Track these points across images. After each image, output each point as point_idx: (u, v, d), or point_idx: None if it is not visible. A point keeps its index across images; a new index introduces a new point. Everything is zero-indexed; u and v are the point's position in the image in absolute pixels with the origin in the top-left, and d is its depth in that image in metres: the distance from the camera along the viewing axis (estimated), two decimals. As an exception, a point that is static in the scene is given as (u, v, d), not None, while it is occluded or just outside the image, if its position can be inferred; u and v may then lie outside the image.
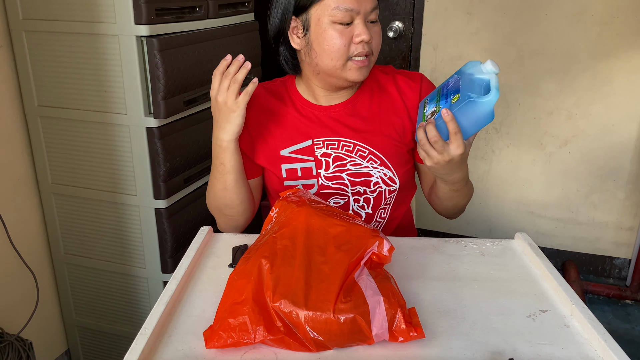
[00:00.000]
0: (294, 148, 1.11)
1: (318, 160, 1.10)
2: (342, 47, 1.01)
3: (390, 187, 1.12)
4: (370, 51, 1.03)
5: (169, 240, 1.58)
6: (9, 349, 1.36)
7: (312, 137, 1.11)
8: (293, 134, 1.11)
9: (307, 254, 0.75)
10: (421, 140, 0.93)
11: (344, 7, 0.98)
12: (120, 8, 1.37)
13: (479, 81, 0.92)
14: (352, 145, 1.10)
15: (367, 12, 1.00)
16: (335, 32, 1.00)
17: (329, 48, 1.01)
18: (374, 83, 1.14)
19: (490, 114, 0.88)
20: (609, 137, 2.22)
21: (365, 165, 1.10)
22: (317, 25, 1.02)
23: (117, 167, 1.55)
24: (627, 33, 2.09)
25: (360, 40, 1.00)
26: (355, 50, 1.01)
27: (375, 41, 1.03)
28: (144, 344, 0.70)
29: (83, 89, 1.49)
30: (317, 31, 1.02)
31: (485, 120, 0.89)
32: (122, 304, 1.71)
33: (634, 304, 2.27)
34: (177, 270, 0.88)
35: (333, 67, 1.03)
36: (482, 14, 2.23)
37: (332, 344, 0.70)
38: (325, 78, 1.07)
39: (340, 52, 1.01)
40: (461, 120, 0.89)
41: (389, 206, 1.15)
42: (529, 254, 0.96)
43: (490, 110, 0.88)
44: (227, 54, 1.00)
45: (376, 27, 1.04)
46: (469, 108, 0.87)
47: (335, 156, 1.10)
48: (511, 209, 2.46)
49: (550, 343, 0.73)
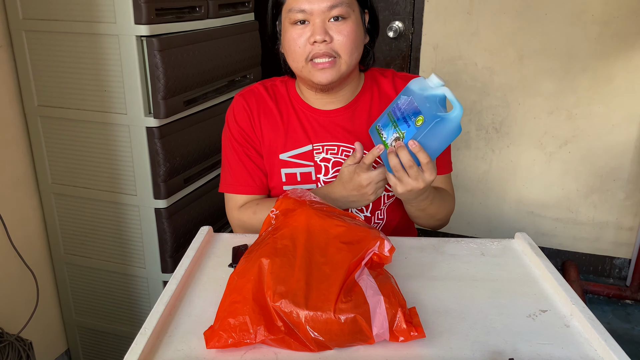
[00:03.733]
0: (293, 153, 1.10)
1: (317, 165, 1.10)
2: (297, 48, 1.00)
3: (389, 192, 1.11)
4: (334, 53, 0.99)
5: (169, 240, 1.58)
6: (9, 349, 1.36)
7: (312, 141, 1.10)
8: (292, 138, 1.10)
9: (308, 254, 0.75)
10: (395, 166, 0.90)
11: (296, 8, 0.98)
12: (120, 8, 1.37)
13: (433, 98, 0.90)
14: (351, 150, 1.09)
15: (322, 11, 0.98)
16: (294, 33, 1.00)
17: (289, 50, 1.02)
18: (374, 86, 1.13)
19: (459, 128, 0.88)
20: (609, 137, 2.22)
21: None
22: (283, 29, 1.04)
23: (117, 167, 1.55)
24: (627, 33, 2.09)
25: (313, 40, 0.98)
26: (313, 50, 0.99)
27: (340, 42, 0.99)
28: (144, 344, 0.70)
29: (83, 89, 1.49)
30: (283, 34, 1.04)
31: (454, 136, 0.88)
32: (122, 304, 1.71)
33: (634, 304, 2.27)
34: (177, 270, 0.88)
35: (297, 69, 1.04)
36: (482, 14, 2.23)
37: (332, 344, 0.70)
38: (302, 81, 1.07)
39: (297, 54, 1.01)
40: (431, 142, 0.88)
41: (387, 208, 1.14)
42: (529, 254, 0.96)
43: (458, 124, 0.87)
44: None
45: (343, 26, 0.99)
46: (438, 128, 0.86)
47: (334, 161, 1.10)
48: (511, 209, 2.46)
49: (550, 343, 0.73)
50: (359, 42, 1.03)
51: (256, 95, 1.13)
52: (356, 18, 1.02)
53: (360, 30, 1.03)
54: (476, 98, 2.32)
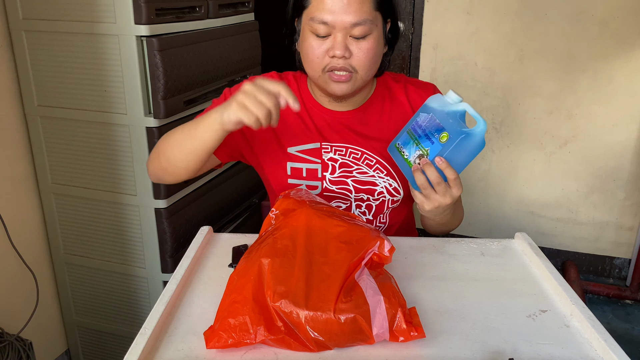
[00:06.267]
0: (302, 147, 1.09)
1: (324, 164, 1.09)
2: (315, 58, 0.98)
3: (394, 197, 1.10)
4: (352, 68, 0.98)
5: (169, 240, 1.58)
6: (9, 349, 1.36)
7: (321, 140, 1.09)
8: (302, 134, 1.10)
9: (308, 255, 0.75)
10: (422, 184, 0.89)
11: (318, 19, 0.95)
12: (120, 8, 1.37)
13: (453, 114, 0.90)
14: (359, 152, 1.09)
15: (345, 26, 0.95)
16: (313, 42, 0.98)
17: (307, 58, 1.00)
18: (385, 91, 1.12)
19: (483, 142, 0.88)
20: (609, 137, 2.22)
21: (371, 174, 1.09)
22: (302, 32, 1.01)
23: (117, 167, 1.55)
24: (627, 33, 2.09)
25: (332, 54, 0.96)
26: (330, 63, 0.97)
27: (359, 59, 0.97)
28: (144, 344, 0.70)
29: (83, 89, 1.49)
30: (301, 38, 1.02)
31: (478, 150, 0.89)
32: (122, 304, 1.71)
33: (634, 304, 2.27)
34: (177, 270, 0.88)
35: (313, 77, 1.02)
36: (482, 14, 2.23)
37: (332, 344, 0.70)
38: (317, 86, 1.05)
39: (315, 63, 0.99)
40: (457, 157, 0.88)
41: (390, 212, 1.14)
42: (529, 254, 0.96)
43: (482, 139, 0.88)
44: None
45: (364, 43, 0.97)
46: (464, 143, 0.87)
47: (342, 162, 1.09)
48: (511, 208, 2.46)
49: (550, 343, 0.73)
50: (378, 57, 1.02)
51: None
52: (378, 33, 0.99)
53: (380, 45, 1.01)
54: (476, 98, 2.32)
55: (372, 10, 0.96)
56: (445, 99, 0.93)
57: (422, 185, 0.90)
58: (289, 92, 0.86)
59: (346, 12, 0.94)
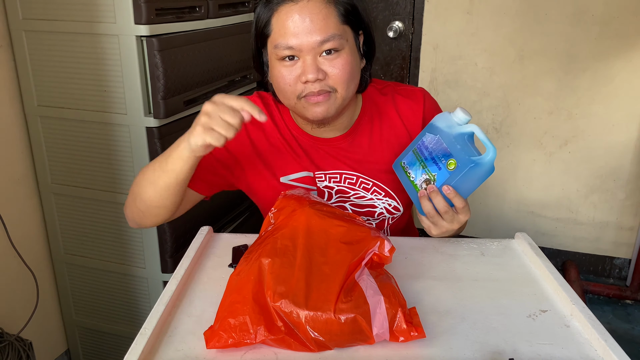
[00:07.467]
0: (295, 176, 1.05)
1: (320, 191, 1.05)
2: (287, 86, 0.92)
3: (393, 215, 1.09)
4: (330, 88, 0.91)
5: (169, 240, 1.58)
6: (9, 349, 1.36)
7: (314, 169, 1.04)
8: (294, 163, 1.04)
9: (308, 254, 0.75)
10: (429, 212, 0.88)
11: (283, 45, 0.89)
12: (120, 8, 1.37)
13: (461, 137, 0.88)
14: (354, 177, 1.05)
15: (312, 47, 0.88)
16: (282, 70, 0.91)
17: (278, 86, 0.94)
18: (373, 109, 1.06)
19: (492, 168, 0.87)
20: (609, 137, 2.22)
21: (369, 197, 1.06)
22: (270, 62, 0.95)
23: (117, 167, 1.55)
24: (627, 33, 2.09)
25: (305, 79, 0.90)
26: (305, 89, 0.91)
27: (335, 76, 0.90)
28: (144, 344, 0.70)
29: (83, 89, 1.49)
30: (270, 68, 0.96)
31: (487, 176, 0.88)
32: (122, 304, 1.71)
33: (634, 304, 2.27)
34: (177, 270, 0.88)
35: (289, 105, 0.96)
36: (482, 14, 2.23)
37: (332, 344, 0.70)
38: (297, 114, 1.00)
39: (287, 92, 0.93)
40: (465, 185, 0.87)
41: (391, 225, 1.13)
42: (529, 254, 0.96)
43: (492, 165, 0.87)
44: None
45: (337, 60, 0.90)
46: (472, 172, 0.86)
47: (337, 189, 1.05)
48: (511, 208, 2.46)
49: (550, 343, 0.73)
50: (356, 72, 0.95)
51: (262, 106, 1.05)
52: (350, 47, 0.93)
53: (355, 59, 0.94)
54: (476, 98, 2.32)
55: (339, 24, 0.90)
56: (453, 119, 0.90)
57: (429, 214, 0.89)
58: (251, 106, 0.82)
59: (311, 32, 0.88)
